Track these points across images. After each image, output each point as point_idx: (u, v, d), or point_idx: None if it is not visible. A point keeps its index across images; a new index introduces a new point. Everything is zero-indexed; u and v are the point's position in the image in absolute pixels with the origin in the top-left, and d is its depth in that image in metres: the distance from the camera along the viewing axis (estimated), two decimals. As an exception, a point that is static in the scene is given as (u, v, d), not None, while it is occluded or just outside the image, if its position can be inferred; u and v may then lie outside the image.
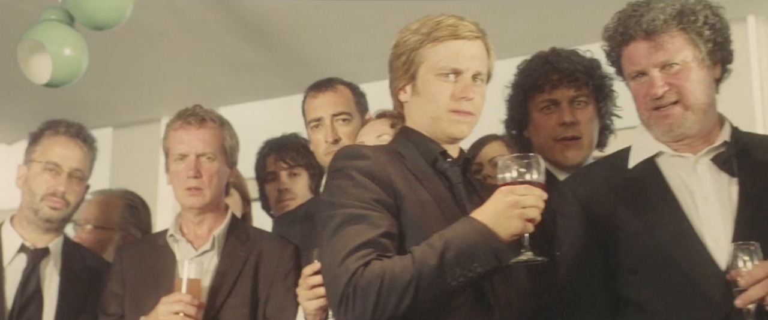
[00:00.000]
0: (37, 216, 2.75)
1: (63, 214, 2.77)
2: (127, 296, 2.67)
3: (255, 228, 2.83)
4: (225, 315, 2.60)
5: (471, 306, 1.86)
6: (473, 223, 1.79)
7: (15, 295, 2.67)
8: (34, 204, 2.76)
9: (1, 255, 2.73)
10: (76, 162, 2.80)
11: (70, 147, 2.81)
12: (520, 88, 2.50)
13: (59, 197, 2.75)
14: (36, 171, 2.78)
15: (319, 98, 2.79)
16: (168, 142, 2.74)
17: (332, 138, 2.73)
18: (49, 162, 2.78)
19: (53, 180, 2.76)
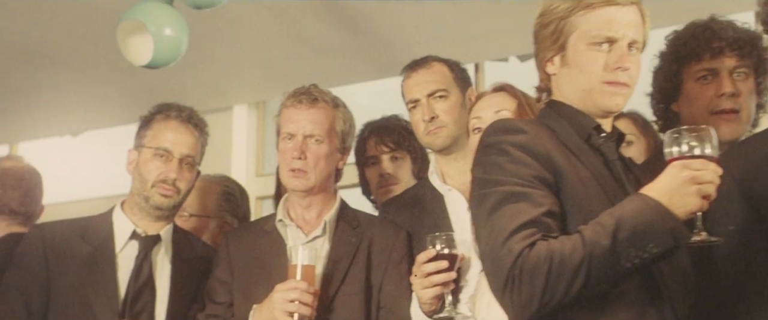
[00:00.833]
0: (147, 204, 2.67)
1: (174, 202, 2.68)
2: (235, 284, 2.58)
3: (364, 213, 2.73)
4: (339, 304, 2.50)
5: (638, 293, 1.72)
6: (646, 200, 1.66)
7: (128, 283, 2.59)
8: (144, 191, 2.67)
9: (113, 242, 2.65)
10: (187, 148, 2.70)
11: (181, 132, 2.71)
12: (674, 57, 2.36)
13: (170, 184, 2.66)
14: (146, 157, 2.70)
15: (413, 78, 2.70)
16: (279, 119, 2.65)
17: (428, 116, 2.63)
18: (159, 148, 2.68)
19: (164, 167, 2.67)
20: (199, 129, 2.75)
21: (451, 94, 2.66)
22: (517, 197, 1.72)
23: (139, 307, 2.58)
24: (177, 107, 2.77)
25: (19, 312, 2.56)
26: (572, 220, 1.74)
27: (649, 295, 1.73)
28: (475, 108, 2.45)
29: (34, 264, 2.60)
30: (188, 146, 2.70)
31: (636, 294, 1.72)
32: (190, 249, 2.76)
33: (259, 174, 5.49)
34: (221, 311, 2.57)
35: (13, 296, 2.58)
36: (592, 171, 1.81)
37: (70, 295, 2.56)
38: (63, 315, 2.56)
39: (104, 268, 2.60)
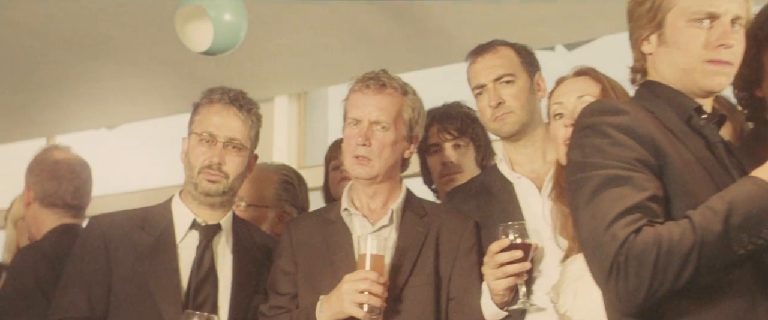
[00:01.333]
0: (197, 191, 2.60)
1: (223, 187, 2.60)
2: (300, 274, 2.52)
3: (430, 202, 2.66)
4: (408, 295, 2.43)
5: (748, 281, 1.64)
6: (758, 183, 1.58)
7: (190, 273, 2.53)
8: (193, 178, 2.61)
9: (174, 232, 2.59)
10: (231, 131, 2.61)
11: (225, 115, 2.62)
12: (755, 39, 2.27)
13: (215, 169, 2.58)
14: (193, 144, 2.63)
15: (479, 62, 2.63)
16: (346, 104, 2.58)
17: (495, 102, 2.56)
18: (204, 132, 2.61)
19: (209, 152, 2.59)
20: (245, 110, 2.65)
21: (518, 79, 2.59)
22: (619, 181, 1.64)
23: (201, 298, 2.53)
24: (221, 90, 2.68)
25: (81, 304, 2.51)
26: (676, 205, 1.65)
27: (760, 283, 1.65)
28: (555, 93, 2.37)
29: (94, 255, 2.55)
30: (233, 129, 2.61)
31: (746, 282, 1.64)
32: (250, 239, 2.70)
33: (300, 166, 5.42)
34: (285, 302, 2.51)
35: (75, 288, 2.54)
36: (694, 154, 1.72)
37: (132, 286, 2.51)
38: (125, 306, 2.50)
39: (166, 258, 2.55)
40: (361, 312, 2.32)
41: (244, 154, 2.64)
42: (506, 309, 2.42)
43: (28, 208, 2.99)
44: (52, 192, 2.96)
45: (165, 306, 2.48)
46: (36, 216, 2.98)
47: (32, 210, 2.99)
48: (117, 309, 2.51)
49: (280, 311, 2.50)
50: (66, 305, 2.53)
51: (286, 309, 2.50)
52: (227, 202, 2.66)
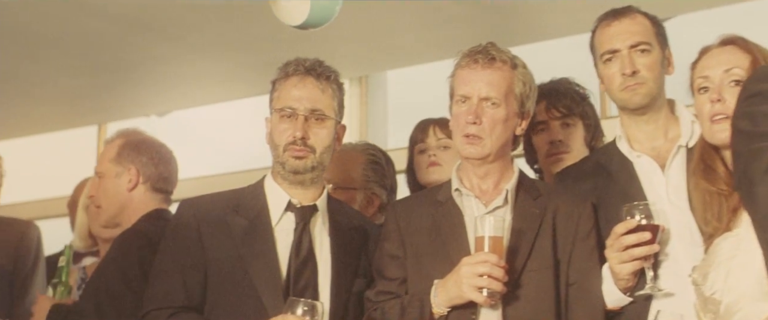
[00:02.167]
0: (285, 170, 2.46)
1: (310, 162, 2.44)
2: (409, 258, 2.38)
3: (543, 183, 2.52)
4: (526, 280, 2.29)
5: None
6: None
7: (289, 258, 2.40)
8: (279, 157, 2.47)
9: (269, 215, 2.46)
10: (311, 102, 2.45)
11: (302, 86, 2.47)
12: None
13: (300, 144, 2.43)
14: (275, 122, 2.49)
15: (614, 26, 2.46)
16: (453, 80, 2.43)
17: (630, 69, 2.40)
18: (284, 107, 2.46)
19: (291, 127, 2.44)
20: (324, 79, 2.49)
21: (653, 50, 2.43)
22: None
23: (302, 284, 2.39)
24: (296, 61, 2.53)
25: (178, 292, 2.38)
26: None
27: None
28: (700, 65, 2.22)
29: (188, 240, 2.43)
30: (313, 99, 2.46)
31: None
32: (346, 220, 2.55)
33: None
34: (394, 287, 2.38)
35: (170, 275, 2.41)
36: None
37: (230, 272, 2.38)
38: (224, 294, 2.37)
39: (263, 243, 2.41)
40: (480, 296, 2.19)
41: (329, 124, 2.48)
42: (631, 294, 2.29)
43: (132, 191, 2.88)
44: (165, 175, 2.87)
45: (266, 293, 2.35)
46: (141, 199, 2.86)
47: (138, 193, 2.87)
48: (215, 297, 2.38)
49: (389, 297, 2.37)
50: (161, 294, 2.40)
51: (395, 294, 2.36)
52: (318, 179, 2.50)
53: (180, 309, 2.37)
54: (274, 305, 2.32)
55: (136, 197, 2.86)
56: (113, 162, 2.89)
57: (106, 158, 2.92)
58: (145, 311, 2.40)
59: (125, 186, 2.87)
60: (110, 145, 2.95)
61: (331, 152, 2.52)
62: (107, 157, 2.92)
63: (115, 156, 2.89)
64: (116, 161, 2.89)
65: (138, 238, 2.73)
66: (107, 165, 2.90)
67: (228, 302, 2.37)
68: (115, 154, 2.90)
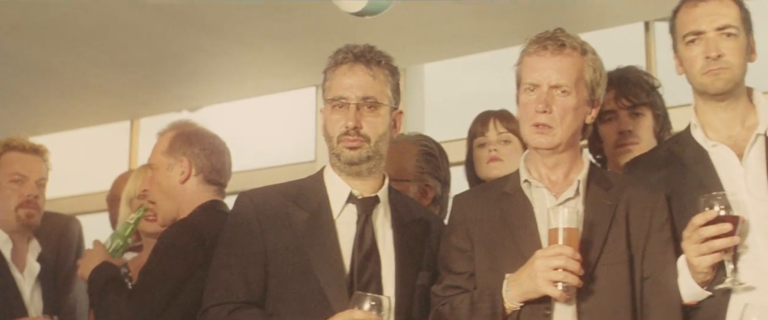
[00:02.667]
0: (341, 162, 2.39)
1: (365, 152, 2.36)
2: (477, 251, 2.31)
3: (613, 173, 2.44)
4: (600, 274, 2.21)
5: None
6: None
7: (352, 251, 2.33)
8: (333, 148, 2.40)
9: (330, 207, 2.39)
10: (362, 89, 2.36)
11: (352, 74, 2.38)
12: None
13: (353, 134, 2.35)
14: (327, 113, 2.41)
15: (701, 7, 2.35)
16: (520, 68, 2.35)
17: (715, 53, 2.30)
18: (335, 97, 2.39)
19: (343, 117, 2.37)
20: (375, 64, 2.39)
21: (740, 35, 2.33)
22: None
23: (366, 278, 2.32)
24: (346, 48, 2.44)
25: (238, 287, 2.32)
26: None
27: None
28: None
29: (248, 234, 2.36)
30: (364, 87, 2.37)
31: None
32: (408, 211, 2.48)
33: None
34: (462, 281, 2.30)
35: (231, 269, 2.34)
36: None
37: (292, 266, 2.32)
38: (286, 289, 2.31)
39: (325, 235, 2.34)
40: (556, 291, 2.12)
41: (383, 111, 2.39)
42: (709, 288, 2.20)
43: (185, 184, 2.81)
44: (218, 167, 2.81)
45: (329, 287, 2.28)
46: (194, 191, 2.79)
47: (190, 185, 2.80)
48: (277, 292, 2.31)
49: (457, 291, 2.29)
50: (222, 289, 2.33)
51: (463, 289, 2.29)
52: (376, 169, 2.42)
53: (241, 304, 2.31)
54: (338, 299, 2.25)
55: (189, 189, 2.80)
56: (165, 154, 2.83)
57: (158, 150, 2.85)
58: (206, 307, 2.34)
59: (177, 179, 2.81)
60: (162, 137, 2.89)
61: (388, 140, 2.44)
62: (159, 149, 2.85)
63: (167, 148, 2.83)
64: (168, 153, 2.82)
65: (188, 230, 2.67)
66: (159, 157, 2.83)
67: (291, 297, 2.30)
68: (167, 145, 2.84)
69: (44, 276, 3.18)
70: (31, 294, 3.10)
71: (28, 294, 3.07)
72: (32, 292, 3.10)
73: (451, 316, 2.27)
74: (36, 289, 3.11)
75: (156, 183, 2.82)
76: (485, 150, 2.91)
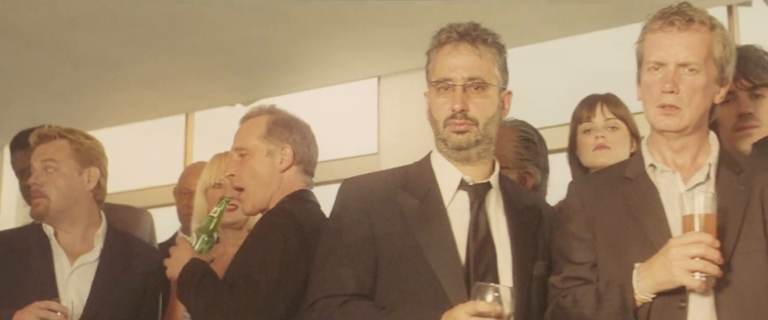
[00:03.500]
0: (448, 147, 2.27)
1: (474, 136, 2.24)
2: (599, 241, 2.18)
3: (744, 156, 2.30)
4: (737, 264, 2.07)
5: None
6: None
7: (467, 240, 2.20)
8: (440, 133, 2.28)
9: (440, 193, 2.26)
10: (468, 70, 2.23)
11: (456, 54, 2.25)
12: None
13: (460, 117, 2.23)
14: (432, 96, 2.29)
15: None
16: (642, 46, 2.21)
17: None
18: (439, 80, 2.26)
19: (449, 100, 2.24)
20: (480, 42, 2.26)
21: None
22: None
23: (482, 268, 2.19)
24: (449, 27, 2.30)
25: (348, 280, 2.20)
26: None
27: None
28: None
29: (356, 223, 2.25)
30: (469, 67, 2.24)
31: None
32: (519, 198, 2.36)
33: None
34: (583, 272, 2.17)
35: (339, 259, 2.23)
36: None
37: (404, 257, 2.19)
38: (398, 279, 2.19)
39: (438, 224, 2.22)
40: (694, 281, 1.98)
41: (491, 92, 2.26)
42: None
43: (285, 172, 2.70)
44: (314, 158, 2.74)
45: (445, 278, 2.16)
46: (291, 181, 2.70)
47: (290, 174, 2.70)
48: (388, 284, 2.19)
49: (578, 282, 2.17)
50: (330, 281, 2.22)
51: (584, 280, 2.16)
52: (486, 153, 2.29)
53: (351, 297, 2.19)
54: (454, 290, 2.14)
55: (287, 178, 2.70)
56: (263, 139, 2.70)
57: (253, 135, 2.72)
58: (314, 300, 2.22)
59: (277, 166, 2.70)
60: (255, 120, 2.76)
61: (497, 123, 2.31)
62: (255, 133, 2.72)
63: (265, 133, 2.71)
64: (266, 138, 2.70)
65: (286, 218, 2.56)
66: (255, 142, 2.71)
67: (403, 288, 2.18)
68: (264, 131, 2.72)
69: (103, 267, 3.04)
70: (70, 281, 2.96)
71: (65, 281, 2.94)
72: (73, 280, 2.97)
73: (574, 309, 2.15)
74: (81, 278, 2.97)
75: (250, 168, 2.70)
76: (591, 136, 2.79)
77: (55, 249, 2.99)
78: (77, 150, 3.02)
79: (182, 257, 2.67)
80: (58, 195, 2.97)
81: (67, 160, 3.00)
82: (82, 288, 2.93)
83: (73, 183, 3.01)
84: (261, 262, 2.48)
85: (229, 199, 2.85)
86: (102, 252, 3.04)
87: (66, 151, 3.00)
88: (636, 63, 2.25)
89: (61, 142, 3.01)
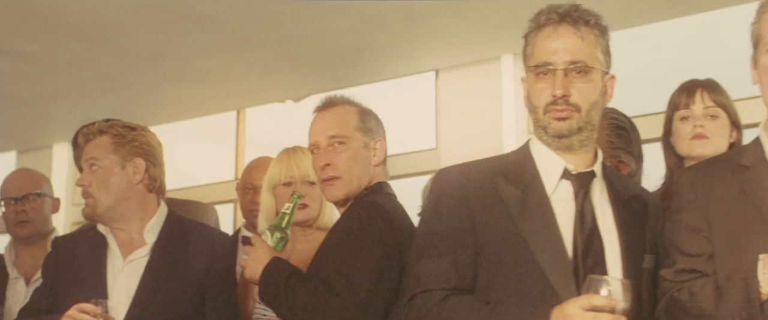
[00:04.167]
0: (548, 135, 2.16)
1: (576, 123, 2.12)
2: (715, 231, 2.06)
3: None
4: None
5: None
6: None
7: (574, 232, 2.09)
8: (539, 121, 2.17)
9: (542, 183, 2.16)
10: (569, 53, 2.11)
11: (557, 36, 2.13)
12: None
13: (561, 103, 2.11)
14: (531, 81, 2.17)
15: None
16: (759, 27, 2.08)
17: None
18: (539, 64, 2.14)
19: (549, 85, 2.12)
20: (582, 24, 2.14)
21: None
22: None
23: (591, 261, 2.08)
24: (548, 8, 2.18)
25: (448, 271, 2.10)
26: None
27: None
28: None
29: (455, 213, 2.14)
30: (571, 50, 2.12)
31: None
32: (623, 187, 2.24)
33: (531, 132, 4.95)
34: (699, 264, 2.05)
35: (438, 252, 2.13)
36: None
37: (507, 249, 2.09)
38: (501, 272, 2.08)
39: (541, 215, 2.11)
40: (830, 273, 1.86)
41: (594, 76, 2.15)
42: None
43: (377, 167, 2.64)
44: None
45: (552, 271, 2.05)
46: (379, 176, 2.65)
47: (380, 169, 2.66)
48: (489, 277, 2.09)
49: (694, 275, 2.04)
50: (429, 274, 2.12)
51: (700, 272, 2.04)
52: (588, 141, 2.18)
53: (452, 291, 2.09)
54: (563, 284, 2.03)
55: (377, 173, 2.64)
56: (359, 130, 2.61)
57: (349, 124, 2.61)
58: (412, 294, 2.12)
59: (372, 160, 2.61)
60: (342, 109, 2.64)
61: (600, 109, 2.20)
62: (350, 122, 2.61)
63: (359, 123, 2.61)
64: (362, 130, 2.61)
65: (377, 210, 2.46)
66: (353, 132, 2.60)
67: (507, 282, 2.07)
68: (357, 121, 2.61)
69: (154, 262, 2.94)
70: (118, 279, 2.86)
71: (113, 279, 2.86)
72: (122, 278, 2.87)
73: (691, 303, 2.02)
74: (130, 275, 2.87)
75: (348, 157, 2.59)
76: (688, 124, 2.67)
77: (111, 248, 2.92)
78: (118, 143, 2.91)
79: (261, 257, 2.57)
80: (103, 193, 2.89)
81: (108, 156, 2.91)
82: (130, 285, 2.85)
83: (117, 179, 2.91)
84: (357, 258, 2.39)
85: (300, 195, 2.76)
86: (154, 246, 2.94)
87: (106, 147, 2.91)
88: (751, 45, 2.12)
89: (101, 138, 2.93)
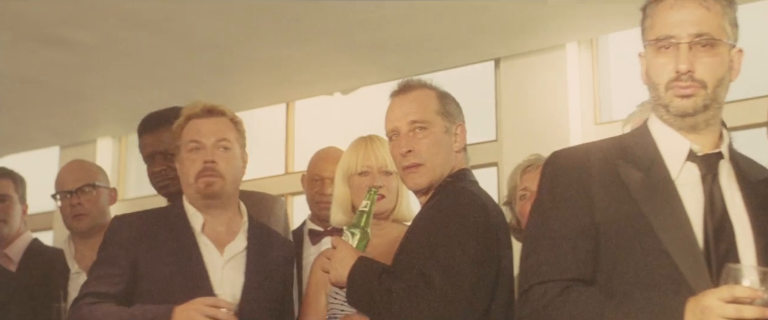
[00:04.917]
0: (669, 114, 2.00)
1: (702, 100, 1.96)
2: None
3: None
4: None
5: None
6: None
7: (704, 218, 1.94)
8: (660, 98, 2.01)
9: (665, 166, 2.00)
10: (695, 25, 1.96)
11: (680, 7, 1.98)
12: None
13: (685, 79, 1.95)
14: (651, 56, 2.01)
15: None
16: None
17: None
18: (660, 37, 1.99)
19: (672, 60, 1.96)
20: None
21: None
22: None
23: (723, 248, 1.93)
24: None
25: (567, 261, 1.95)
26: None
27: None
28: None
29: (574, 198, 2.00)
30: (696, 22, 1.96)
31: None
32: (751, 169, 2.08)
33: (597, 123, 4.78)
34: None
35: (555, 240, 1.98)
36: None
37: (632, 236, 1.93)
38: (626, 261, 1.93)
39: (667, 199, 1.96)
40: None
41: (721, 50, 1.98)
42: None
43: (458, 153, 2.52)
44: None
45: (682, 260, 1.89)
46: (459, 163, 2.56)
47: (461, 156, 2.56)
48: (614, 267, 1.93)
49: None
50: (546, 264, 1.98)
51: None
52: (714, 120, 2.02)
53: (572, 282, 1.94)
54: (695, 275, 1.88)
55: (459, 160, 2.53)
56: (440, 114, 2.49)
57: (429, 108, 2.50)
58: (528, 286, 1.97)
59: (453, 146, 2.49)
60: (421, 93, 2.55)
61: (727, 85, 2.03)
62: (431, 107, 2.50)
63: (440, 107, 2.50)
64: (443, 114, 2.50)
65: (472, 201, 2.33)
66: (435, 116, 2.48)
67: (632, 272, 1.92)
68: (438, 105, 2.51)
69: (252, 257, 2.83)
70: (225, 273, 2.74)
71: (219, 273, 2.73)
72: (227, 272, 2.75)
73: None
74: (233, 270, 2.77)
75: (431, 143, 2.48)
76: None
77: (200, 239, 2.79)
78: (238, 130, 2.85)
79: (346, 258, 2.45)
80: (232, 176, 2.80)
81: (237, 140, 2.83)
82: (235, 280, 2.73)
83: (240, 164, 2.85)
84: (457, 249, 2.26)
85: (376, 190, 2.64)
86: (248, 241, 2.83)
87: (232, 130, 2.83)
88: None
89: (222, 119, 2.82)
